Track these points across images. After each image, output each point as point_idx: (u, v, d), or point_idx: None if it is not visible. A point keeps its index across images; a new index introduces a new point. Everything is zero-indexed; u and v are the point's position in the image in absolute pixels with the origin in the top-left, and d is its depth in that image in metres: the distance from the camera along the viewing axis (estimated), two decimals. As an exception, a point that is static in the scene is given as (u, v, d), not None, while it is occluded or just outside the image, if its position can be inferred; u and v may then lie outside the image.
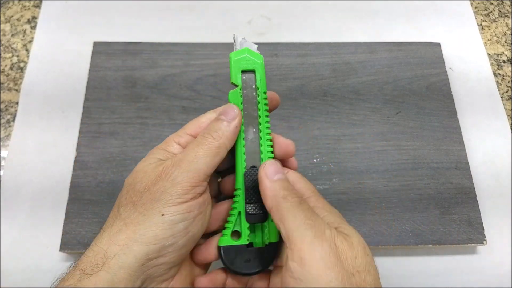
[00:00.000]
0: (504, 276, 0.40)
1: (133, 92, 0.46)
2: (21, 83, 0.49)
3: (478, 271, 0.40)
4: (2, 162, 0.44)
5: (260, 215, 0.30)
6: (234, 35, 0.32)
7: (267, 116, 0.32)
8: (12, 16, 0.54)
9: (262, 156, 0.31)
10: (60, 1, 0.54)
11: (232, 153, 0.31)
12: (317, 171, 0.43)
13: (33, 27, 0.53)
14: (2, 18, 0.54)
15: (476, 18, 0.55)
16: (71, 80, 0.48)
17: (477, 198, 0.42)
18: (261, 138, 0.31)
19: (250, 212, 0.30)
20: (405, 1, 0.56)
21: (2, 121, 0.47)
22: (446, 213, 0.41)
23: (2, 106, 0.47)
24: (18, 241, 0.40)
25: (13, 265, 0.40)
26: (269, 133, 0.32)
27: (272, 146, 0.31)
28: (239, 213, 0.30)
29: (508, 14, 0.57)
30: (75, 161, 0.42)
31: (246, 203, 0.30)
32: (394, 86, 0.48)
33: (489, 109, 0.49)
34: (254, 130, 0.31)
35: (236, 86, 0.32)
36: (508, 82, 0.51)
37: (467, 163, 0.44)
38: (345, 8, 0.55)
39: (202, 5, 0.55)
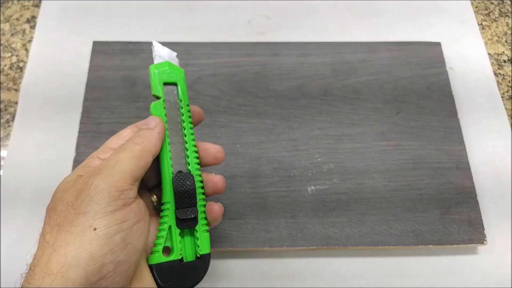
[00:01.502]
0: (505, 276, 0.40)
1: (133, 91, 0.46)
2: (20, 82, 0.48)
3: (479, 271, 0.40)
4: (2, 162, 0.44)
5: (191, 219, 0.29)
6: (152, 42, 0.32)
7: (191, 128, 0.32)
8: (11, 16, 0.54)
9: (188, 160, 0.31)
10: (59, 1, 0.54)
11: (157, 164, 0.30)
12: (317, 171, 0.43)
13: (33, 27, 0.53)
14: (2, 18, 0.53)
15: (476, 18, 0.55)
16: (70, 80, 0.48)
17: (478, 198, 0.42)
18: (186, 143, 0.31)
19: (181, 217, 0.29)
20: (405, 1, 0.56)
21: (2, 121, 0.47)
22: (447, 213, 0.41)
23: (2, 106, 0.47)
24: (17, 241, 0.40)
25: (13, 265, 0.39)
26: (193, 139, 0.32)
27: (197, 152, 0.32)
28: (169, 227, 0.29)
29: (509, 14, 0.57)
30: (75, 161, 0.42)
31: (177, 208, 0.29)
32: (394, 85, 0.48)
33: (489, 108, 0.49)
34: (179, 137, 0.31)
35: (158, 98, 0.31)
36: (509, 81, 0.51)
37: (468, 163, 0.44)
38: (346, 7, 0.55)
39: (201, 4, 0.55)
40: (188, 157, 0.31)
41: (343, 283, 0.39)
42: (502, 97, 0.50)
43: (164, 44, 0.50)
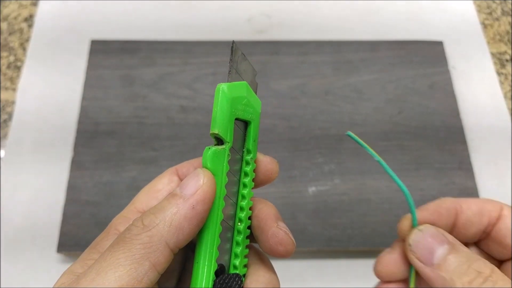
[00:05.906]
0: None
1: (131, 91, 0.46)
2: (18, 82, 0.48)
3: (482, 273, 0.40)
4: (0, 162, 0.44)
5: None
6: (232, 43, 0.20)
7: (249, 197, 0.21)
8: (9, 15, 0.53)
9: (238, 249, 0.20)
10: (57, 0, 0.54)
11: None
12: (319, 171, 0.42)
13: (30, 26, 0.52)
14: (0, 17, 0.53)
15: (478, 17, 0.55)
16: (68, 79, 0.48)
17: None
18: (239, 221, 0.21)
19: None
20: (407, 0, 0.56)
21: (-2, 120, 0.46)
22: (449, 214, 0.41)
23: (-2, 105, 0.47)
24: (15, 242, 0.40)
25: (11, 266, 0.39)
26: (249, 216, 0.21)
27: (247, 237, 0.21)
28: None
29: (511, 12, 0.56)
30: (72, 161, 0.42)
31: None
32: (396, 85, 0.47)
33: (492, 108, 0.48)
34: (230, 209, 0.20)
35: (221, 142, 0.19)
36: (511, 80, 0.51)
37: (470, 163, 0.43)
38: (347, 6, 0.55)
39: (201, 2, 0.54)
40: (237, 244, 0.20)
41: (344, 284, 0.39)
42: (504, 96, 0.49)
43: (162, 42, 0.50)
